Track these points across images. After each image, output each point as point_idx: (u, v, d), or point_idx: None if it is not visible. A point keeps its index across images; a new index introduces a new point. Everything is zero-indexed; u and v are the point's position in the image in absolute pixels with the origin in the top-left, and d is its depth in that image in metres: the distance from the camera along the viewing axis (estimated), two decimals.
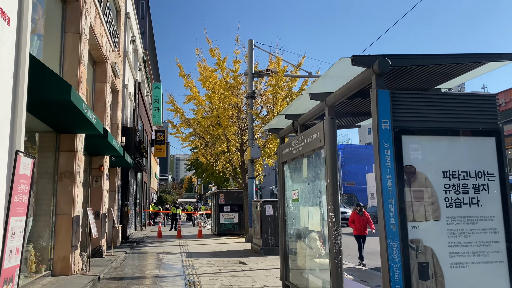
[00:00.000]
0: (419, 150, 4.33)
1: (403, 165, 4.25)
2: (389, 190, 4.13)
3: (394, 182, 4.15)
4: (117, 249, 14.31)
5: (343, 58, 4.40)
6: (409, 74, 5.04)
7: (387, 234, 4.05)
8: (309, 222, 6.56)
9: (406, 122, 4.32)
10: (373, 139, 4.31)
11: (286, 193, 7.96)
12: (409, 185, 4.24)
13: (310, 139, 6.27)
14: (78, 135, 9.18)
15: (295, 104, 6.83)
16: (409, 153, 4.29)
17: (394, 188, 4.15)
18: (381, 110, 4.23)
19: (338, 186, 5.56)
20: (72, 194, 8.90)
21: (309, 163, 6.60)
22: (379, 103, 4.23)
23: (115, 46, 14.23)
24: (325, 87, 5.59)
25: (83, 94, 9.49)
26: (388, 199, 4.12)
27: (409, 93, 4.40)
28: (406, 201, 4.19)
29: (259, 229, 13.85)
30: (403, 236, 4.10)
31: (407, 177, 4.24)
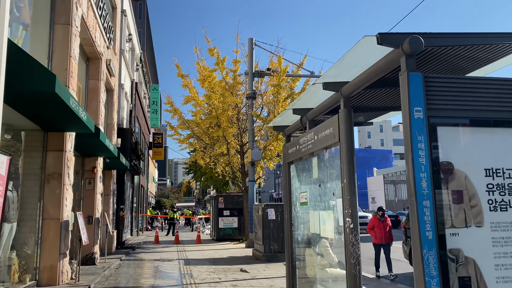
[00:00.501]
0: (458, 144, 3.69)
1: (439, 162, 3.61)
2: (423, 191, 3.49)
3: (429, 181, 3.51)
4: (112, 255, 13.61)
5: (367, 36, 3.77)
6: (437, 59, 4.41)
7: (422, 243, 3.40)
8: (320, 228, 5.90)
9: (442, 111, 3.68)
10: (403, 131, 3.67)
11: (292, 195, 7.30)
12: (446, 185, 3.59)
13: (322, 136, 5.63)
14: (68, 134, 8.53)
15: (304, 97, 6.19)
16: (445, 148, 3.65)
17: (430, 189, 3.50)
18: (413, 97, 3.59)
19: (356, 188, 4.92)
20: (61, 197, 8.24)
21: (320, 163, 5.95)
22: (410, 89, 3.59)
23: (110, 43, 13.60)
24: (341, 75, 4.95)
25: (73, 90, 8.84)
26: (423, 202, 3.47)
27: (446, 77, 3.76)
28: (443, 204, 3.55)
29: (261, 235, 13.18)
30: (440, 245, 3.46)
31: (444, 176, 3.60)
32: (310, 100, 6.15)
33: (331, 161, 5.60)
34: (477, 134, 3.73)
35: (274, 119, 7.74)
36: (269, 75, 18.27)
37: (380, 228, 9.89)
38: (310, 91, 5.80)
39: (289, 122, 7.60)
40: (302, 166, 6.87)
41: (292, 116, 7.22)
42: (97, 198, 12.10)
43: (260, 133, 19.85)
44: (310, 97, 6.05)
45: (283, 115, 7.35)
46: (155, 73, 53.37)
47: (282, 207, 13.25)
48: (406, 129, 3.62)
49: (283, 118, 7.49)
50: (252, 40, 18.63)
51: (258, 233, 13.71)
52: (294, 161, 7.24)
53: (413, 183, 3.50)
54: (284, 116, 7.38)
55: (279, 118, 7.56)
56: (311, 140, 6.09)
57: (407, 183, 3.58)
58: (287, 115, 7.19)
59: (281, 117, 7.42)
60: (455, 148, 3.67)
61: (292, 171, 7.31)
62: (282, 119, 7.56)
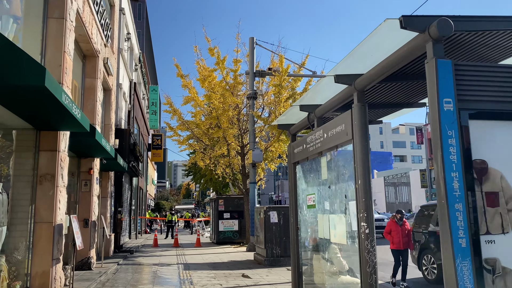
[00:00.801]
0: (492, 140, 3.29)
1: (472, 160, 3.21)
2: (455, 192, 3.08)
3: (462, 182, 3.10)
4: (109, 259, 13.18)
5: (389, 19, 3.37)
6: (462, 48, 4.01)
7: (454, 252, 3.00)
8: (330, 233, 5.50)
9: (475, 103, 3.28)
10: (431, 125, 3.27)
11: (298, 198, 6.90)
12: (480, 186, 3.19)
13: (332, 133, 5.23)
14: (61, 133, 8.11)
15: (312, 92, 5.80)
16: (479, 144, 3.25)
17: (462, 190, 3.10)
18: (442, 87, 3.19)
19: (371, 190, 4.51)
20: (54, 200, 7.81)
21: (330, 162, 5.55)
22: (439, 77, 3.19)
23: (107, 40, 13.20)
24: (355, 66, 4.56)
25: (67, 88, 8.43)
26: (455, 205, 3.07)
27: (479, 65, 3.36)
28: (477, 207, 3.15)
29: (263, 238, 12.76)
30: (475, 254, 3.05)
31: (477, 176, 3.19)
32: (318, 95, 5.76)
33: (342, 160, 5.20)
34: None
35: (279, 117, 7.35)
36: (271, 74, 17.88)
37: (397, 233, 9.13)
38: (319, 86, 5.40)
39: (294, 120, 7.21)
40: (309, 167, 6.47)
41: (298, 114, 6.83)
42: (94, 200, 11.68)
43: (261, 134, 19.46)
44: (319, 92, 5.66)
45: (289, 113, 6.95)
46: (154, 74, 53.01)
47: (284, 210, 12.85)
48: (434, 123, 3.21)
49: (288, 116, 7.10)
50: (253, 39, 18.26)
51: (259, 236, 13.29)
52: (300, 161, 6.84)
53: (443, 184, 3.09)
54: (289, 114, 6.98)
55: (284, 116, 7.17)
56: (319, 139, 5.69)
57: (436, 184, 3.18)
58: (293, 113, 6.79)
59: (286, 114, 7.03)
60: (489, 145, 3.27)
61: (298, 172, 6.91)
62: (287, 117, 7.16)
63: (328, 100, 5.54)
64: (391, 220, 9.43)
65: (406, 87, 5.24)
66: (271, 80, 18.82)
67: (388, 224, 9.40)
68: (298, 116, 6.99)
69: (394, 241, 9.17)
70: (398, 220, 9.29)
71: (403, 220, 9.30)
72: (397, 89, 5.25)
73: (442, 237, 3.11)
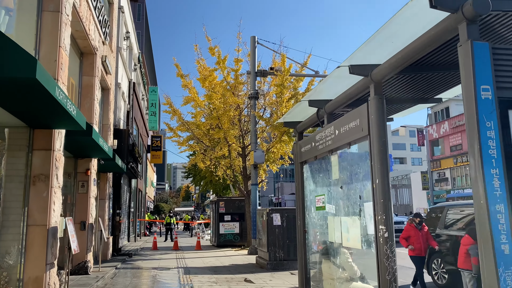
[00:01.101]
0: None
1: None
2: (496, 191, 2.72)
3: (503, 179, 2.74)
4: (107, 263, 12.78)
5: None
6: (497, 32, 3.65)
7: (497, 260, 2.63)
8: (342, 237, 5.13)
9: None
10: (466, 115, 2.90)
11: (306, 199, 6.53)
12: None
13: (345, 129, 4.86)
14: (56, 131, 7.73)
15: (322, 87, 5.44)
16: None
17: (504, 189, 2.73)
18: (479, 73, 2.82)
19: (390, 190, 4.14)
20: (48, 201, 7.43)
21: (343, 161, 5.18)
22: (475, 62, 2.83)
23: (105, 38, 12.84)
24: (371, 56, 4.20)
25: (63, 84, 8.06)
26: (496, 206, 2.70)
27: None
28: None
29: (265, 241, 12.37)
30: None
31: None
32: (329, 89, 5.40)
33: (356, 158, 4.83)
34: None
35: (285, 114, 6.99)
36: (272, 74, 17.54)
37: (417, 238, 8.21)
38: (329, 79, 5.04)
39: (301, 117, 6.85)
40: (318, 166, 6.11)
41: (305, 111, 6.47)
42: (91, 202, 11.29)
43: (262, 135, 19.09)
44: (329, 86, 5.29)
45: (295, 110, 6.59)
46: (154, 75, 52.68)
47: (288, 212, 12.46)
48: (470, 113, 2.85)
49: (295, 113, 6.74)
50: (255, 38, 17.93)
51: (262, 239, 12.90)
52: (308, 161, 6.47)
53: (481, 182, 2.73)
54: (296, 111, 6.62)
55: (290, 113, 6.80)
56: (330, 136, 5.32)
57: (473, 184, 2.81)
58: (300, 109, 6.43)
59: (293, 111, 6.67)
60: None
61: (306, 171, 6.55)
62: (293, 114, 6.80)
63: (339, 94, 5.18)
64: (408, 225, 8.49)
65: (424, 80, 4.88)
66: (273, 80, 18.49)
67: (406, 229, 8.48)
68: (305, 113, 6.63)
69: (414, 247, 8.27)
70: (417, 224, 8.41)
71: (422, 224, 8.50)
72: (415, 82, 4.89)
73: (481, 243, 2.74)
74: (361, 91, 4.69)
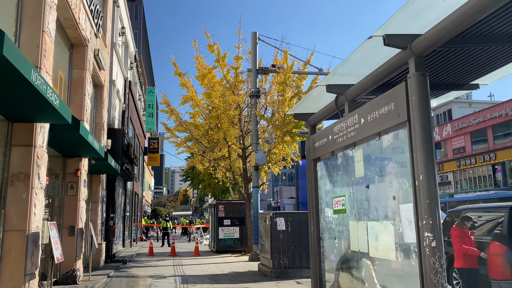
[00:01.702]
0: None
1: None
2: None
3: None
4: (98, 271, 11.92)
5: None
6: None
7: None
8: (368, 245, 4.32)
9: None
10: None
11: (320, 201, 5.71)
12: None
13: (374, 117, 4.05)
14: (38, 125, 6.92)
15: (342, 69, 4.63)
16: None
17: None
18: None
19: (437, 188, 3.33)
20: (28, 204, 6.60)
21: (370, 155, 4.38)
22: None
23: (98, 29, 12.04)
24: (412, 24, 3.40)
25: (47, 74, 7.25)
26: None
27: None
28: None
29: (269, 247, 11.54)
30: None
31: None
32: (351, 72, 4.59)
33: (388, 151, 4.02)
34: None
35: (295, 105, 6.18)
36: (274, 72, 16.75)
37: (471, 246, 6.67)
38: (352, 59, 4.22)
39: (314, 108, 6.04)
40: (335, 163, 5.30)
41: (319, 101, 5.67)
42: (81, 205, 10.45)
43: (263, 135, 18.30)
44: (353, 67, 4.48)
45: (308, 99, 5.79)
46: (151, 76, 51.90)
47: (292, 216, 11.65)
48: None
49: (307, 103, 5.93)
50: (256, 34, 17.16)
51: (265, 245, 12.07)
52: (322, 157, 5.66)
53: None
54: (308, 101, 5.81)
55: (302, 103, 6.00)
56: (353, 126, 4.52)
57: None
58: (313, 99, 5.63)
59: (305, 101, 5.86)
60: None
61: (320, 169, 5.73)
62: (305, 105, 5.99)
63: (366, 76, 4.37)
64: (458, 230, 6.88)
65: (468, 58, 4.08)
66: (275, 78, 17.73)
67: (456, 235, 6.82)
68: (318, 104, 5.84)
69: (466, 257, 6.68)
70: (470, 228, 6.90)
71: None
72: (457, 60, 4.10)
73: None
74: (396, 68, 3.89)
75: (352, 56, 4.21)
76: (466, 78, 4.75)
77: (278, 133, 16.93)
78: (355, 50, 3.97)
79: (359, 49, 3.94)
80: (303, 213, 12.05)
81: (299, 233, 11.41)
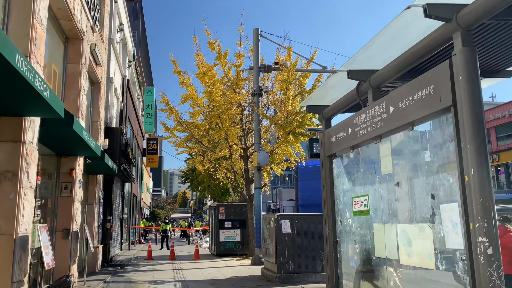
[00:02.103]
0: None
1: None
2: None
3: None
4: (94, 276, 11.36)
5: None
6: None
7: None
8: (399, 251, 3.79)
9: None
10: None
11: (337, 202, 5.18)
12: None
13: (407, 104, 3.53)
14: (28, 120, 6.38)
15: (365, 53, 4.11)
16: None
17: None
18: None
19: (491, 184, 2.80)
20: (16, 205, 6.06)
21: (400, 149, 3.85)
22: None
23: (94, 23, 11.52)
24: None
25: (38, 64, 6.72)
26: None
27: None
28: None
29: (273, 251, 10.98)
30: None
31: None
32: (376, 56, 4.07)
33: (424, 142, 3.50)
34: None
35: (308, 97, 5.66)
36: (277, 69, 16.19)
37: None
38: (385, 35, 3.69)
39: (329, 100, 5.51)
40: (356, 158, 4.77)
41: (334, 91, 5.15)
42: (76, 207, 9.90)
43: (265, 135, 17.76)
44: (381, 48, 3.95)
45: (323, 89, 5.26)
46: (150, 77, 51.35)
47: (298, 218, 11.10)
48: None
49: (321, 94, 5.40)
50: (258, 30, 16.62)
51: (269, 249, 11.51)
52: (339, 153, 5.13)
53: None
54: (324, 91, 5.28)
55: (315, 94, 5.47)
56: (379, 116, 3.99)
57: None
58: (330, 88, 5.10)
59: (321, 91, 5.33)
60: None
61: (337, 167, 5.20)
62: (320, 96, 5.46)
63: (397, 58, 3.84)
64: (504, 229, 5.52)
65: None
66: (277, 77, 17.20)
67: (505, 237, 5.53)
68: (334, 95, 5.32)
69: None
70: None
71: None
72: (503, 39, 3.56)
73: None
74: (436, 46, 3.36)
75: (378, 38, 3.68)
76: (504, 63, 4.23)
77: (281, 133, 16.39)
78: (384, 29, 3.44)
79: (389, 26, 3.41)
80: (309, 215, 11.52)
81: (305, 236, 10.87)
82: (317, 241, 10.89)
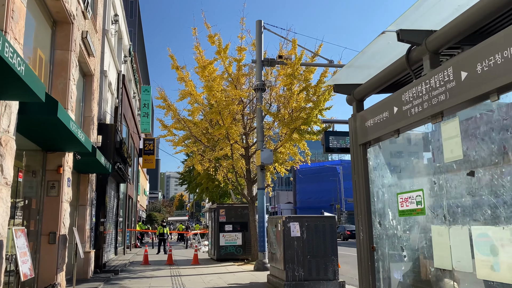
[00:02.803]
0: None
1: None
2: None
3: None
4: (85, 284, 10.40)
5: None
6: None
7: None
8: (475, 262, 2.87)
9: None
10: None
11: (374, 200, 4.26)
12: None
13: (490, 65, 2.62)
14: (2, 104, 5.44)
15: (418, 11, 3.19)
16: None
17: None
18: None
19: None
20: None
21: (474, 128, 2.94)
22: None
23: (86, 8, 10.59)
24: None
25: (15, 40, 5.78)
26: None
27: None
28: None
29: (281, 257, 10.05)
30: None
31: None
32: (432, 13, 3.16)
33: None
34: None
35: (336, 74, 4.75)
36: (281, 63, 15.28)
37: None
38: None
39: (361, 79, 4.61)
40: (403, 145, 3.86)
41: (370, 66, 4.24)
42: (64, 208, 8.94)
43: (269, 133, 16.86)
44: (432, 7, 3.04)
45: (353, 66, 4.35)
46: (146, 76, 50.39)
47: (308, 220, 10.18)
48: None
49: (351, 71, 4.49)
50: (261, 22, 15.74)
51: (276, 254, 10.57)
52: (376, 141, 4.22)
53: None
54: (354, 67, 4.38)
55: (345, 71, 4.56)
56: (443, 87, 3.08)
57: None
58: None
59: (349, 68, 4.42)
60: None
61: (374, 157, 4.28)
62: (350, 72, 4.54)
63: (465, 10, 2.93)
64: None
65: None
66: (280, 72, 16.29)
67: None
68: (366, 73, 4.41)
69: None
70: None
71: None
72: None
73: None
74: None
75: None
76: None
77: (285, 131, 15.49)
78: None
79: None
80: (320, 217, 10.62)
81: (316, 240, 9.96)
82: (329, 245, 10.00)
